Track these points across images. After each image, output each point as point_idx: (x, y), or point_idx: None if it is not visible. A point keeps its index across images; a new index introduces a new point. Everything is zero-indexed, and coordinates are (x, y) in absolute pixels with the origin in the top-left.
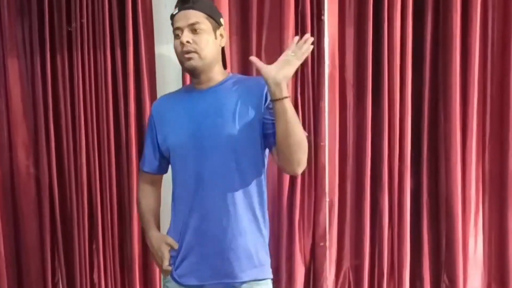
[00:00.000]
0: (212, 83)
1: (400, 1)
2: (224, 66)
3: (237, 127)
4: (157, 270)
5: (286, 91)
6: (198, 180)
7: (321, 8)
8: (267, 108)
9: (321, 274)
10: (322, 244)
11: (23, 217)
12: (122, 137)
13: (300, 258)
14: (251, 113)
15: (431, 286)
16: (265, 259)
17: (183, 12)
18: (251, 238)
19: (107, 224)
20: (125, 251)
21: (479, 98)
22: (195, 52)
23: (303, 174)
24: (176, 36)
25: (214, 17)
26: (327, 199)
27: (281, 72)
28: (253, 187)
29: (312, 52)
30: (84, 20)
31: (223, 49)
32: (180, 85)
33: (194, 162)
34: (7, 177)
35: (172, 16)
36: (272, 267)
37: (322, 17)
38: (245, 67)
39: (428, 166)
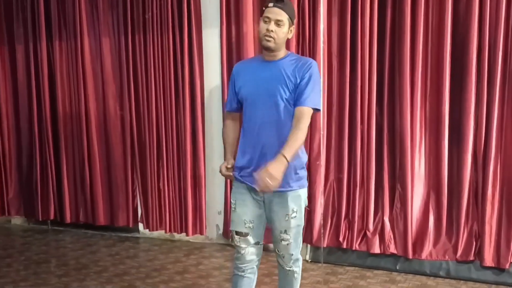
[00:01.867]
0: (276, 58)
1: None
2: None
3: (283, 91)
4: (202, 177)
5: (282, 162)
6: (257, 122)
7: (316, 2)
8: (302, 78)
9: (314, 183)
10: (318, 162)
11: (112, 143)
12: (179, 91)
13: None
14: (293, 84)
15: (389, 193)
16: (304, 174)
17: (276, 9)
18: (294, 164)
19: (170, 148)
20: (181, 167)
21: (423, 64)
22: (273, 38)
23: None
24: (264, 21)
25: (292, 19)
26: (322, 132)
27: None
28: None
29: (309, 32)
30: (157, 11)
31: (288, 39)
32: (218, 57)
33: (255, 109)
34: (101, 117)
35: (266, 7)
36: None
37: (319, 9)
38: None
39: (388, 111)
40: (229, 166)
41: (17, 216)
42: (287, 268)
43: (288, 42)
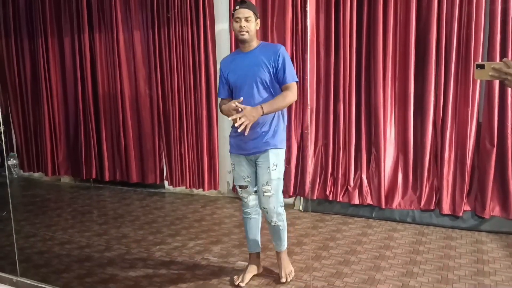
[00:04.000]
0: (251, 48)
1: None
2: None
3: (264, 73)
4: (216, 143)
5: (257, 110)
6: (245, 100)
7: (306, 2)
8: (278, 64)
9: (305, 148)
10: (306, 131)
11: (143, 117)
12: (196, 74)
13: (294, 139)
14: (271, 65)
15: (366, 155)
16: (283, 137)
17: (242, 9)
18: (275, 129)
19: (189, 120)
20: (198, 135)
21: (392, 51)
22: (247, 31)
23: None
24: (236, 21)
25: (256, 14)
26: (309, 107)
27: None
28: None
29: (301, 27)
30: (177, 11)
31: (257, 30)
32: (228, 48)
33: (241, 91)
34: (134, 95)
35: (234, 10)
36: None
37: (307, 9)
38: (265, 37)
39: (365, 89)
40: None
41: (66, 176)
42: (272, 224)
43: (284, 33)
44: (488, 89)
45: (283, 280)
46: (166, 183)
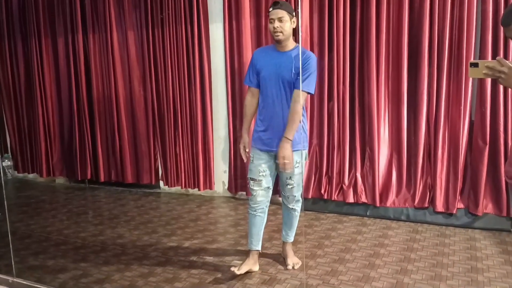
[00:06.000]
0: (286, 49)
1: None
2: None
3: (290, 76)
4: (211, 143)
5: (288, 146)
6: (271, 97)
7: (300, 2)
8: (300, 69)
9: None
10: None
11: (138, 117)
12: (191, 74)
13: None
14: (296, 71)
15: (360, 154)
16: (304, 139)
17: (275, 10)
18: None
19: (184, 120)
20: (193, 135)
21: (385, 51)
22: (281, 32)
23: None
24: (270, 22)
25: (291, 13)
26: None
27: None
28: None
29: (298, 28)
30: (170, 11)
31: (294, 29)
32: (222, 47)
33: (271, 88)
34: (128, 96)
35: (269, 11)
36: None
37: (298, 10)
38: (259, 39)
39: (358, 88)
40: (247, 149)
41: (60, 177)
42: (290, 207)
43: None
44: (480, 88)
45: (289, 267)
46: (161, 183)
